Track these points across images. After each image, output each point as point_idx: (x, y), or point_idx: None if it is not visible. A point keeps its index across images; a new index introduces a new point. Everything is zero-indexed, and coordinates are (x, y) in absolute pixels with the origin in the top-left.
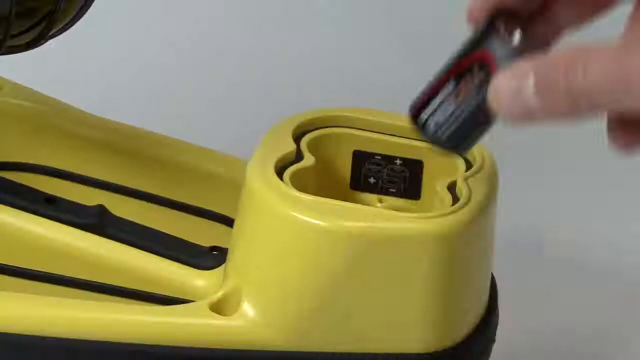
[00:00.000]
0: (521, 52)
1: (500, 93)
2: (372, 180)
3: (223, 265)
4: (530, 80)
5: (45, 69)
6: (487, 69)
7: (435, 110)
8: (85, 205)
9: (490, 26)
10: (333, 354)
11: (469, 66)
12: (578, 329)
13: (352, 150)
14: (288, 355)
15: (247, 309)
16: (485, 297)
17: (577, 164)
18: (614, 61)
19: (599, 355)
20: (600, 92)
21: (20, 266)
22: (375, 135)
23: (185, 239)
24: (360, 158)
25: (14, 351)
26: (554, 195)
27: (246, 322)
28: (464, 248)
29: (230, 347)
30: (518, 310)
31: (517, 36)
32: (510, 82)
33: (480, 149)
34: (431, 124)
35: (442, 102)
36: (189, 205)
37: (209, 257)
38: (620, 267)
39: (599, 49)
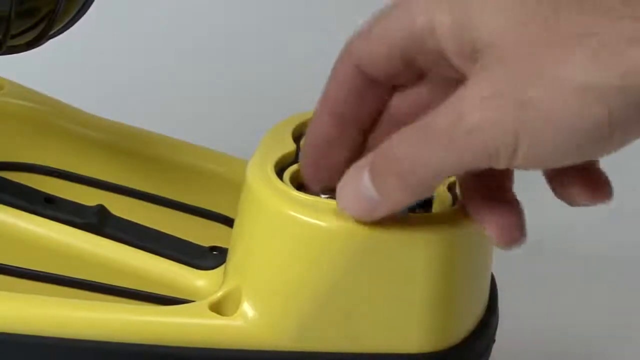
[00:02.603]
0: None
1: (343, 191)
2: None
3: (223, 265)
4: (366, 173)
5: (45, 69)
6: None
7: None
8: (85, 205)
9: None
10: (333, 353)
11: None
12: (578, 329)
13: None
14: (288, 355)
15: (247, 309)
16: (485, 297)
17: None
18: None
19: (599, 355)
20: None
21: (20, 266)
22: None
23: (185, 239)
24: None
25: (14, 351)
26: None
27: (246, 322)
28: (464, 248)
29: (230, 347)
30: (518, 310)
31: None
32: (350, 179)
33: None
34: None
35: None
36: (189, 205)
37: (209, 257)
38: (621, 267)
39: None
